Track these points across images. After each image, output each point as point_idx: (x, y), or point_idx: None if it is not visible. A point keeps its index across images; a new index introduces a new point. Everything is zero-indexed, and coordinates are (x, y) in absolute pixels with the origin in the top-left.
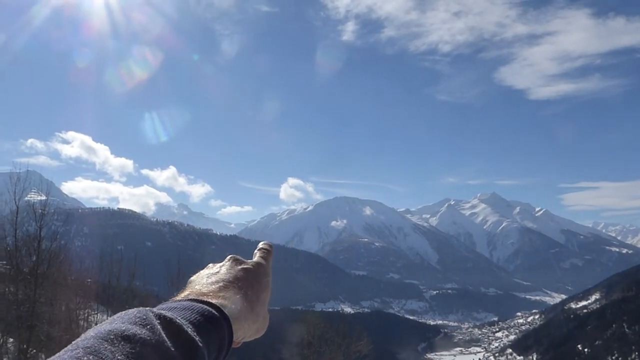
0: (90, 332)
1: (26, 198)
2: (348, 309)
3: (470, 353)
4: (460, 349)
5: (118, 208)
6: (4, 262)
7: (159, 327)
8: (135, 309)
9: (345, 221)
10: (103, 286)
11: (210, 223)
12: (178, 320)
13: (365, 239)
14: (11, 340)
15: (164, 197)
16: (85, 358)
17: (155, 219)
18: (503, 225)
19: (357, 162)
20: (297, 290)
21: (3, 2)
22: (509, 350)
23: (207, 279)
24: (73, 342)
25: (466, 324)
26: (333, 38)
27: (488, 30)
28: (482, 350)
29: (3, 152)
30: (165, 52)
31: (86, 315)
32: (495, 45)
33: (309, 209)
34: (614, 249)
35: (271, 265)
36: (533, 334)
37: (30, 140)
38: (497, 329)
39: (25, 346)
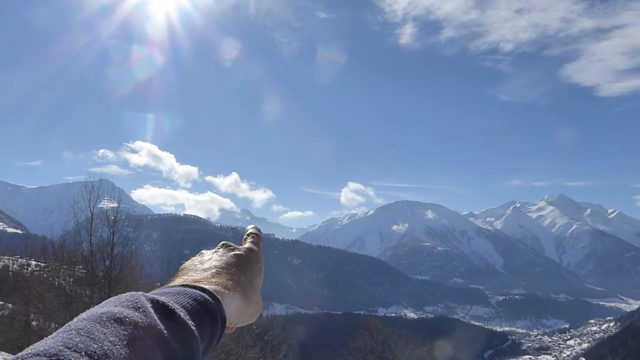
0: (83, 315)
1: (99, 205)
2: (411, 314)
3: None
4: (530, 356)
5: (184, 214)
6: (81, 266)
7: (151, 310)
8: (127, 293)
9: (406, 225)
10: None
11: (273, 228)
12: (171, 304)
13: (428, 243)
14: None
15: (228, 203)
16: (78, 339)
17: (219, 225)
18: (573, 228)
19: (418, 165)
20: (359, 295)
21: (73, 21)
22: (582, 359)
23: (200, 266)
24: (66, 325)
25: (535, 331)
26: (391, 41)
27: (552, 26)
28: (552, 358)
29: (78, 162)
30: (224, 62)
31: None
32: (561, 42)
33: (369, 213)
34: None
35: (262, 250)
36: (608, 343)
37: (101, 151)
38: (569, 337)
39: None
